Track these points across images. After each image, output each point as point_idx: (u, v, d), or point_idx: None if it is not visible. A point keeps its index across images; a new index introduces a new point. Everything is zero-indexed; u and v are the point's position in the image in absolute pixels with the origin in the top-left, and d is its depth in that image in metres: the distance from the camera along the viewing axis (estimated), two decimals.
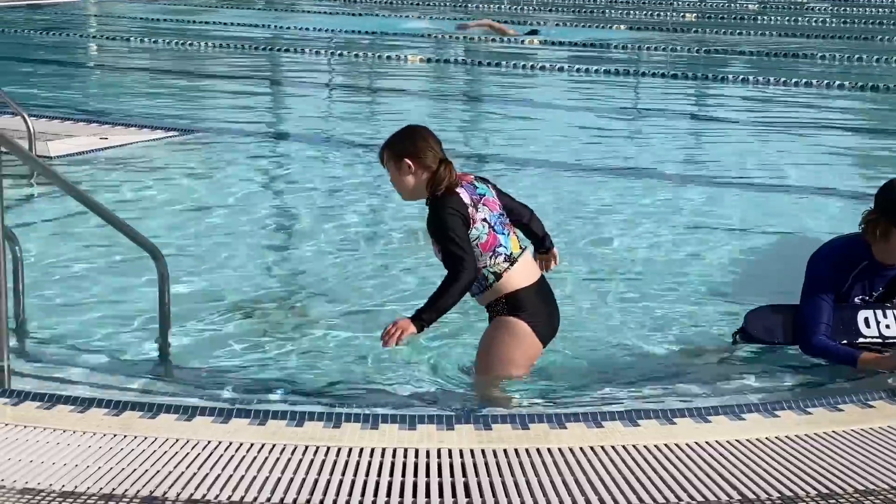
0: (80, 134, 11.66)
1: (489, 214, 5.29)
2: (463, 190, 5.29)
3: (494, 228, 5.29)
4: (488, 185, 5.45)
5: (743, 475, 4.21)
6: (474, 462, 4.34)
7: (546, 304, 5.43)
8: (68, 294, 7.04)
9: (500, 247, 5.29)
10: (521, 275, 5.33)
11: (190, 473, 4.21)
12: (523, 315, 5.33)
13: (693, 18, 28.13)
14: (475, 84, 17.96)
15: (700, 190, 10.17)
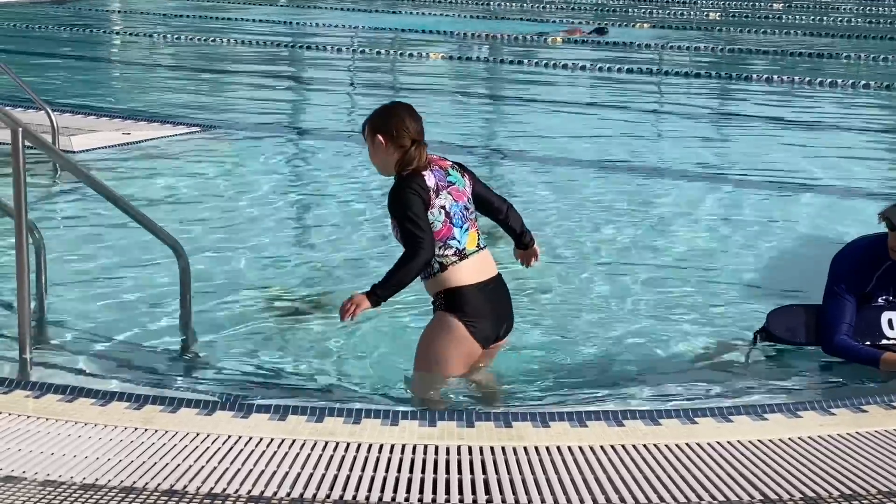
0: (103, 129, 11.69)
1: (451, 204, 5.19)
2: (430, 173, 5.20)
3: (452, 220, 5.19)
4: (465, 174, 5.33)
5: (765, 475, 4.18)
6: (494, 459, 4.33)
7: (491, 307, 5.26)
8: (90, 287, 7.05)
9: (453, 239, 5.19)
10: (468, 272, 5.21)
11: (210, 468, 4.21)
12: (460, 314, 5.22)
13: (717, 17, 28.03)
14: (497, 81, 17.94)
15: (724, 189, 10.13)
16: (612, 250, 8.19)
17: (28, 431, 4.53)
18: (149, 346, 6.11)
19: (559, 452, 4.41)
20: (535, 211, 9.26)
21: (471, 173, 5.39)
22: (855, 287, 5.76)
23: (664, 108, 15.69)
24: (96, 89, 15.65)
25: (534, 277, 7.38)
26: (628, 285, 7.38)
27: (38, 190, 9.11)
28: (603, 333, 6.46)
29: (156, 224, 6.20)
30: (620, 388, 5.57)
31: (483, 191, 5.41)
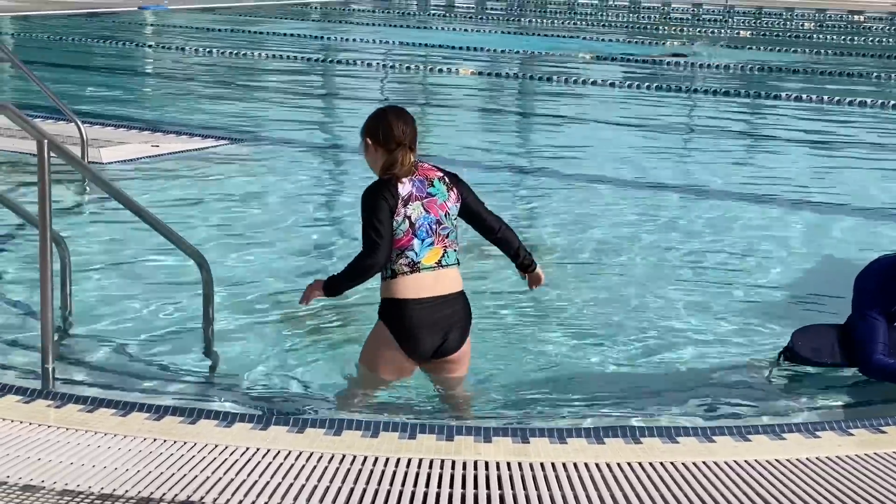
0: (133, 141, 11.77)
1: (420, 215, 5.16)
2: (409, 181, 5.19)
3: (415, 231, 5.15)
4: (453, 189, 5.27)
5: (782, 495, 4.18)
6: (510, 475, 4.34)
7: (427, 324, 5.18)
8: (113, 299, 7.09)
9: (411, 251, 5.16)
10: (413, 286, 5.17)
11: (228, 479, 4.24)
12: (390, 325, 5.24)
13: (748, 35, 27.98)
14: (526, 97, 17.97)
15: (750, 207, 10.10)
16: (633, 266, 8.19)
17: (48, 441, 4.57)
18: (169, 358, 6.14)
19: (575, 469, 4.41)
20: (559, 225, 9.28)
21: (463, 188, 5.33)
22: (882, 305, 5.74)
23: (693, 125, 15.66)
24: (127, 101, 15.76)
25: (553, 293, 7.40)
26: (650, 302, 7.37)
27: (67, 201, 9.18)
28: (622, 350, 6.45)
29: (180, 236, 6.25)
30: (638, 405, 5.57)
31: (476, 208, 5.37)
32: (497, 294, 7.39)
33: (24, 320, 6.60)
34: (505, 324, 6.87)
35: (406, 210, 5.14)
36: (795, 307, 7.31)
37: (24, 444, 4.52)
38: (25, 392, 5.09)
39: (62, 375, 5.45)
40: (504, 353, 6.33)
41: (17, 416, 4.82)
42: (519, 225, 9.42)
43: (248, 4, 31.75)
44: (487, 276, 7.72)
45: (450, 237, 5.23)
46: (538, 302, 7.29)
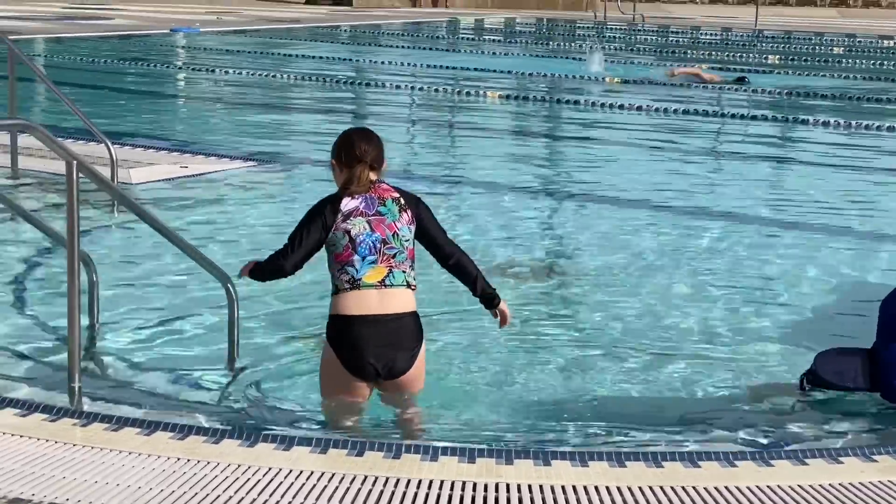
0: (161, 162, 11.86)
1: (362, 232, 5.20)
2: (356, 199, 5.26)
3: (356, 248, 5.19)
4: (407, 210, 5.29)
5: None
6: (532, 497, 4.35)
7: (367, 342, 5.18)
8: (140, 318, 7.15)
9: (351, 267, 5.20)
10: (354, 303, 5.20)
11: (250, 499, 4.27)
12: (332, 341, 5.28)
13: (777, 60, 27.95)
14: (554, 121, 18.00)
15: (776, 231, 10.08)
16: (656, 289, 8.18)
17: (74, 459, 4.61)
18: (194, 377, 6.18)
19: (597, 492, 4.42)
20: (585, 247, 9.29)
21: (421, 211, 5.36)
22: None
23: (720, 149, 15.65)
24: (156, 123, 15.88)
25: (576, 315, 7.41)
26: (671, 325, 7.37)
27: (95, 221, 9.25)
28: (644, 373, 6.45)
29: (205, 257, 6.30)
30: (660, 429, 5.55)
31: (433, 233, 5.39)
32: (517, 315, 7.40)
33: (51, 339, 6.66)
34: (526, 346, 6.88)
35: (346, 225, 5.22)
36: (819, 331, 7.27)
37: (49, 463, 4.56)
38: (52, 410, 5.15)
39: (88, 394, 5.49)
40: (526, 376, 6.34)
41: (44, 434, 4.87)
42: (546, 246, 9.45)
43: (278, 27, 31.95)
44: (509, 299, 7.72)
45: (397, 258, 5.25)
46: (560, 324, 7.31)
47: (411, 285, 5.29)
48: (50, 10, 34.01)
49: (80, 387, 5.36)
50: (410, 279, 5.29)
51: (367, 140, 5.39)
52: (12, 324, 6.96)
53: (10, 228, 9.07)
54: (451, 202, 10.93)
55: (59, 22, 30.54)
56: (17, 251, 8.56)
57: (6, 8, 31.75)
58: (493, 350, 6.77)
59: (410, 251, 5.31)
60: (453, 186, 11.82)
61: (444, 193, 11.40)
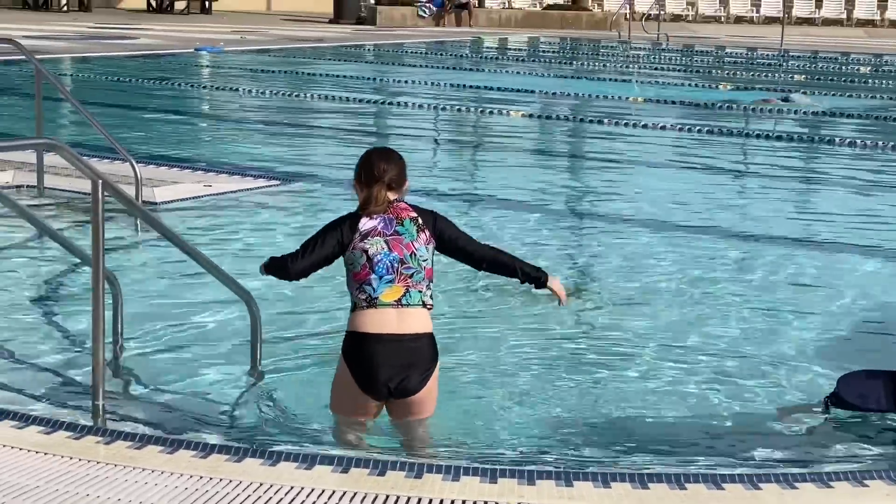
0: (186, 181, 11.91)
1: (380, 252, 5.25)
2: (376, 218, 5.31)
3: (373, 267, 5.24)
4: (425, 230, 5.31)
5: None
6: None
7: (380, 360, 5.22)
8: (163, 337, 7.18)
9: (368, 285, 5.24)
10: (370, 321, 5.23)
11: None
12: (346, 357, 5.32)
13: (802, 79, 27.90)
14: (578, 140, 17.99)
15: (801, 252, 10.04)
16: (679, 310, 8.15)
17: (98, 477, 4.63)
18: (217, 395, 6.19)
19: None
20: (609, 266, 9.27)
21: (439, 228, 5.38)
22: None
23: (746, 169, 15.62)
24: (181, 141, 15.95)
25: (598, 335, 7.40)
26: (695, 346, 7.34)
27: (120, 239, 9.29)
28: (667, 394, 6.43)
29: (228, 275, 6.32)
30: (683, 450, 5.54)
31: (459, 243, 5.43)
32: (540, 334, 7.41)
33: (75, 357, 6.69)
34: (549, 365, 6.87)
35: (364, 244, 5.27)
36: (844, 352, 7.24)
37: (73, 480, 4.58)
38: (76, 428, 5.17)
39: (112, 412, 5.51)
40: (548, 396, 6.33)
41: (68, 452, 4.89)
42: (570, 266, 9.44)
43: (302, 46, 32.09)
44: (532, 318, 7.74)
45: (414, 277, 5.27)
46: (582, 343, 7.30)
47: (427, 304, 5.32)
48: (76, 30, 34.25)
49: (104, 405, 5.38)
50: (427, 298, 5.31)
51: (386, 160, 5.42)
52: (37, 341, 7.00)
53: (36, 246, 9.12)
54: (474, 221, 10.93)
55: (84, 41, 30.74)
56: (42, 269, 8.61)
57: (33, 28, 32.00)
58: (516, 369, 6.76)
59: (428, 271, 5.33)
60: (476, 205, 11.83)
61: (467, 213, 11.41)
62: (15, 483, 4.52)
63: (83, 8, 41.22)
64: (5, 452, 4.87)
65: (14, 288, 8.10)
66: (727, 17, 51.71)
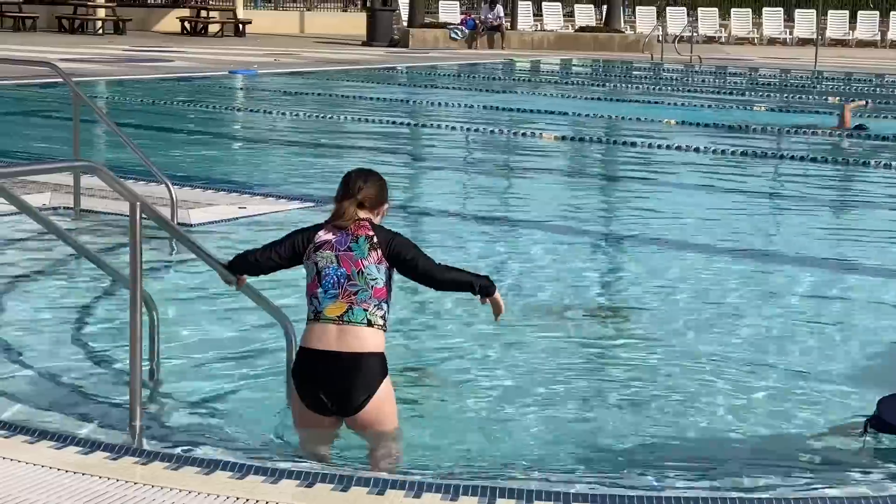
0: (220, 203, 11.96)
1: (329, 266, 5.32)
2: (330, 233, 5.38)
3: (321, 280, 5.31)
4: (377, 249, 5.32)
5: None
6: None
7: (313, 377, 5.29)
8: (200, 358, 7.21)
9: (315, 298, 5.34)
10: (311, 334, 5.32)
11: None
12: (294, 373, 5.45)
13: (837, 101, 27.77)
14: (611, 163, 17.97)
15: (839, 274, 9.98)
16: (714, 330, 8.13)
17: (135, 498, 4.65)
18: (253, 417, 6.21)
19: None
20: (642, 288, 9.24)
21: (394, 250, 5.37)
22: None
23: (779, 191, 15.56)
24: (215, 163, 16.03)
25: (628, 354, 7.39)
26: (731, 366, 7.31)
27: (156, 261, 9.34)
28: (696, 416, 6.39)
29: (264, 297, 6.34)
30: (720, 474, 5.50)
31: (417, 265, 5.40)
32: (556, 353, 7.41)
33: (113, 378, 6.73)
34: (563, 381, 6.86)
35: (314, 256, 5.35)
36: (885, 375, 7.19)
37: (111, 501, 4.61)
38: (113, 449, 5.20)
39: (149, 433, 5.53)
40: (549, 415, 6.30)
41: (106, 472, 4.92)
42: (601, 288, 9.42)
43: (335, 69, 32.21)
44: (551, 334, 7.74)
45: (359, 295, 5.28)
46: (609, 361, 7.29)
47: (374, 324, 5.30)
48: (111, 53, 34.52)
49: (142, 425, 5.40)
50: (375, 318, 5.30)
51: (364, 178, 5.53)
52: (75, 363, 7.04)
53: (73, 268, 9.18)
54: (506, 243, 10.95)
55: (120, 64, 30.97)
56: (79, 290, 8.66)
57: (69, 51, 32.26)
58: (550, 392, 6.75)
59: (378, 290, 5.32)
60: (509, 227, 11.84)
61: (499, 235, 11.42)
62: (53, 503, 4.54)
63: (118, 31, 41.52)
64: (44, 473, 4.90)
65: (51, 310, 8.16)
66: (760, 38, 51.57)
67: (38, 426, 5.53)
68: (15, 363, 6.94)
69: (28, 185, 11.96)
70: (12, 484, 4.73)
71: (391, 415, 5.43)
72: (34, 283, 8.84)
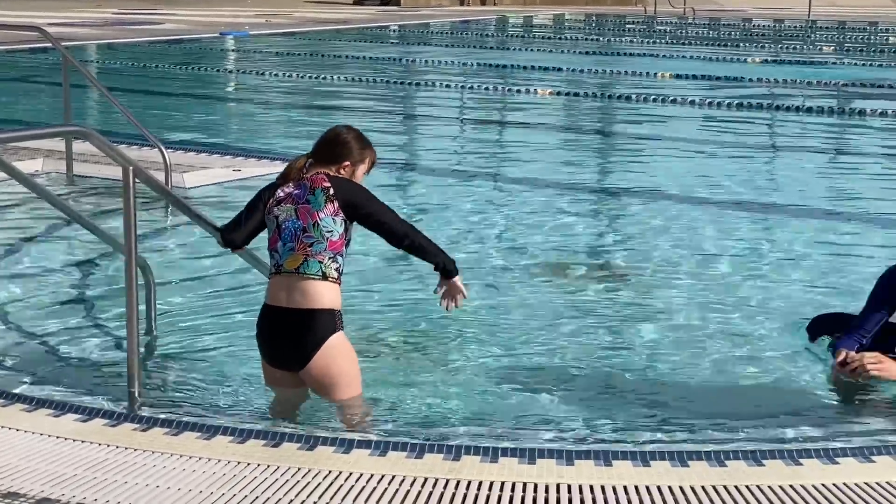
0: (215, 166, 11.90)
1: (288, 219, 5.33)
2: (292, 185, 5.38)
3: (281, 233, 5.34)
4: (333, 201, 5.30)
5: None
6: (594, 498, 4.31)
7: (264, 332, 5.40)
8: (197, 323, 7.18)
9: (276, 252, 5.36)
10: (271, 289, 5.37)
11: (311, 502, 4.26)
12: (257, 327, 5.48)
13: (831, 50, 27.67)
14: (605, 118, 17.90)
15: (834, 224, 9.95)
16: (714, 286, 8.09)
17: (135, 464, 4.63)
18: (253, 382, 6.18)
19: (659, 492, 4.37)
20: (640, 245, 9.21)
21: (350, 200, 5.34)
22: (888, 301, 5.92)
23: (776, 143, 15.51)
24: (208, 126, 15.96)
25: (635, 314, 7.36)
26: (733, 322, 7.28)
27: (151, 226, 9.30)
28: (704, 371, 6.38)
29: (261, 260, 6.29)
30: (723, 428, 5.49)
31: (376, 217, 5.39)
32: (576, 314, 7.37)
33: (110, 345, 6.70)
34: (585, 345, 6.83)
35: (276, 210, 5.38)
36: None
37: (111, 468, 4.58)
38: (112, 416, 5.17)
39: (148, 399, 5.51)
40: (584, 376, 6.28)
41: (104, 439, 4.89)
42: (600, 244, 9.39)
43: (327, 29, 32.06)
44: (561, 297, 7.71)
45: (314, 247, 5.29)
46: (621, 323, 7.26)
47: (328, 277, 5.30)
48: (100, 16, 34.31)
49: (140, 391, 5.37)
50: (329, 271, 5.30)
51: (330, 133, 5.56)
52: (71, 330, 7.01)
53: (67, 234, 9.13)
54: (502, 200, 10.90)
55: (109, 28, 30.80)
56: (74, 257, 8.63)
57: (57, 15, 32.08)
58: (551, 350, 6.72)
59: (333, 243, 5.31)
60: (505, 184, 11.79)
61: (495, 191, 11.37)
62: (53, 471, 4.53)
63: None
64: (42, 441, 4.87)
65: (46, 277, 8.13)
66: None
67: (35, 394, 5.51)
68: (11, 331, 6.91)
69: (20, 151, 11.90)
70: (11, 453, 4.71)
71: (344, 369, 5.40)
72: (28, 251, 8.80)
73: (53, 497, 4.29)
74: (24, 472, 4.52)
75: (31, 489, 4.36)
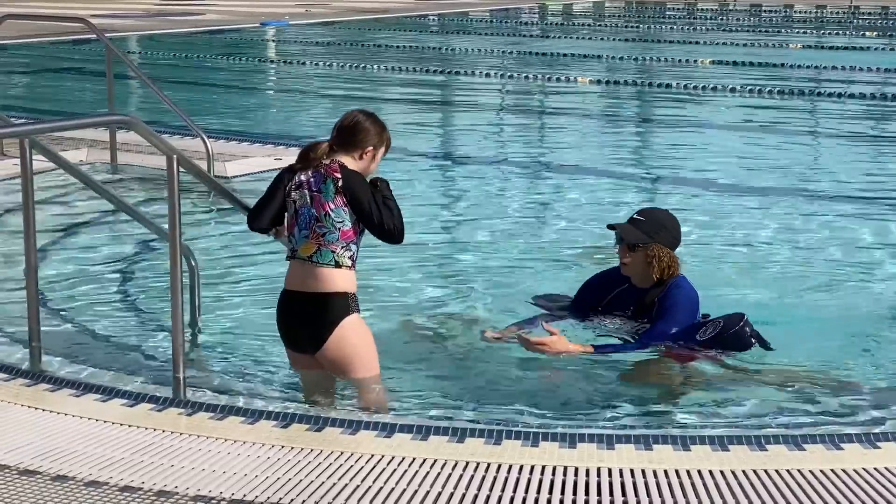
0: (256, 154, 11.98)
1: (305, 206, 5.39)
2: (311, 173, 5.41)
3: (297, 218, 5.41)
4: (341, 193, 5.31)
5: None
6: (634, 482, 4.34)
7: (281, 316, 5.53)
8: (241, 309, 7.24)
9: (293, 237, 5.44)
10: (289, 276, 5.48)
11: (353, 486, 4.31)
12: (277, 311, 5.58)
13: (873, 35, 27.45)
14: (645, 105, 17.85)
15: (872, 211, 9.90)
16: (752, 269, 8.08)
17: (181, 448, 4.69)
18: None
19: (700, 476, 4.39)
20: None
21: (350, 193, 5.33)
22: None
23: (817, 129, 15.42)
24: (249, 115, 16.06)
25: None
26: (770, 306, 7.25)
27: (194, 214, 9.38)
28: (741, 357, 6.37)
29: None
30: (763, 412, 5.49)
31: (363, 210, 5.35)
32: None
33: (155, 331, 6.78)
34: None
35: (294, 195, 5.43)
36: None
37: (157, 451, 4.65)
38: (158, 400, 5.24)
39: (193, 384, 5.58)
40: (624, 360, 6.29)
41: (151, 423, 4.96)
42: None
43: (366, 18, 32.12)
44: None
45: (326, 237, 5.35)
46: None
47: (342, 265, 5.37)
48: (143, 8, 34.53)
49: (185, 377, 5.45)
50: (342, 259, 5.37)
51: (347, 118, 5.57)
52: (118, 317, 7.10)
53: (112, 222, 9.23)
54: (540, 187, 10.92)
55: (152, 19, 31.00)
56: (119, 245, 8.72)
57: (101, 6, 32.31)
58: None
59: (345, 232, 5.36)
60: (543, 171, 11.81)
61: (534, 178, 11.39)
62: (100, 455, 4.60)
63: None
64: (90, 425, 4.95)
65: (92, 265, 8.22)
66: None
67: (83, 379, 5.59)
68: (58, 318, 7.00)
69: (64, 141, 12.03)
70: (60, 437, 4.79)
71: (359, 349, 5.46)
72: (74, 239, 8.90)
73: (102, 480, 4.36)
74: (73, 455, 4.60)
75: (79, 472, 4.44)
